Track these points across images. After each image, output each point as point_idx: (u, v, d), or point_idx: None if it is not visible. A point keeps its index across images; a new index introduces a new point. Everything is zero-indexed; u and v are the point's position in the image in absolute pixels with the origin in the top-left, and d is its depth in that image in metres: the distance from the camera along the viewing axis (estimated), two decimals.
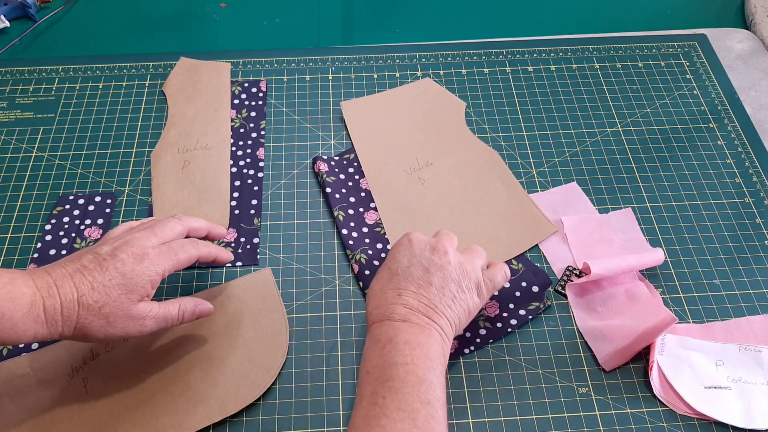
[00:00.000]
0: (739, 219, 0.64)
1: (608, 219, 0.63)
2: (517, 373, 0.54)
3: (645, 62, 0.77)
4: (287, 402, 0.53)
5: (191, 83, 0.73)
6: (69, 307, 0.44)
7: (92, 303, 0.45)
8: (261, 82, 0.74)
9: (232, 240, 0.61)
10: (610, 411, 0.52)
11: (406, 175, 0.66)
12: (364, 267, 0.59)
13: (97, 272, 0.46)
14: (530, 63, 0.76)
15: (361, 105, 0.72)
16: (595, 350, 0.55)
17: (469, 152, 0.67)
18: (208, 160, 0.67)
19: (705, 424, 0.52)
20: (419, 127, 0.70)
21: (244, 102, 0.72)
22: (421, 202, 0.64)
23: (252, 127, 0.70)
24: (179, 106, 0.71)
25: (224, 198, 0.64)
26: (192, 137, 0.68)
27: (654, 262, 0.59)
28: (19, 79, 0.75)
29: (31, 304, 0.43)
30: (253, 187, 0.65)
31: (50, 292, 0.44)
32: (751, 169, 0.67)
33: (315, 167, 0.66)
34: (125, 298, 0.46)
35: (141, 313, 0.47)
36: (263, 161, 0.67)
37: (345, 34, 0.84)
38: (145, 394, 0.52)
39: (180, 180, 0.65)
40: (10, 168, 0.67)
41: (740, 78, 0.76)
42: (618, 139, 0.69)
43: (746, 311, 0.58)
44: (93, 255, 0.47)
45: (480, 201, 0.64)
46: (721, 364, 0.54)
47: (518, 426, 0.51)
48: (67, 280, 0.45)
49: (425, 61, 0.77)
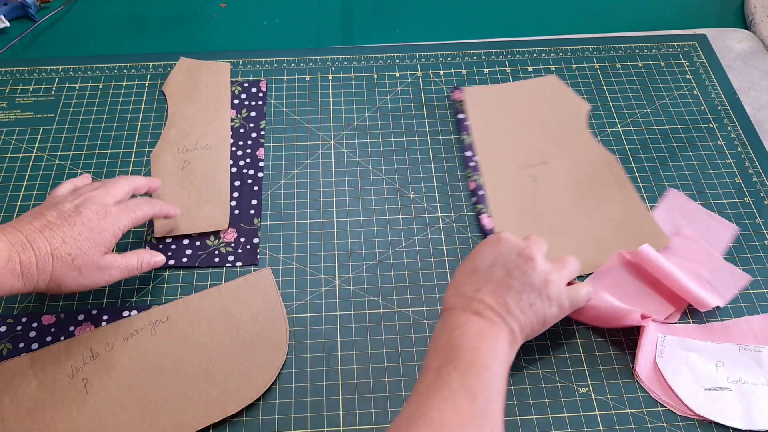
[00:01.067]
0: (739, 219, 0.64)
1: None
2: (517, 373, 0.54)
3: (645, 62, 0.77)
4: (287, 402, 0.53)
5: (191, 83, 0.73)
6: (44, 261, 0.47)
7: (65, 255, 0.48)
8: (261, 82, 0.74)
9: (232, 240, 0.61)
10: (610, 411, 0.52)
11: (520, 170, 0.66)
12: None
13: (65, 227, 0.49)
14: (530, 63, 0.76)
15: (484, 93, 0.72)
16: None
17: (587, 155, 0.67)
18: (208, 160, 0.67)
19: (705, 425, 0.52)
20: (539, 124, 0.70)
21: (244, 102, 0.72)
22: (532, 199, 0.64)
23: (252, 127, 0.70)
24: (179, 106, 0.71)
25: (224, 198, 0.64)
26: (192, 137, 0.68)
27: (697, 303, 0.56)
28: (19, 79, 0.75)
29: (8, 258, 0.46)
30: (253, 187, 0.65)
31: (24, 247, 0.47)
32: (751, 169, 0.67)
33: (453, 95, 0.71)
34: (95, 251, 0.50)
35: (108, 264, 0.51)
36: (263, 161, 0.67)
37: (345, 34, 0.84)
38: (145, 394, 0.52)
39: (180, 180, 0.65)
40: (10, 168, 0.67)
41: (740, 78, 0.76)
42: (618, 139, 0.69)
43: (746, 311, 0.58)
44: (57, 212, 0.50)
45: (593, 205, 0.63)
46: (721, 364, 0.54)
47: (518, 426, 0.51)
48: (38, 235, 0.48)
49: (425, 61, 0.77)
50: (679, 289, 0.56)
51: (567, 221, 0.62)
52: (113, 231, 0.51)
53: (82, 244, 0.49)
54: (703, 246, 0.60)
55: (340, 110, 0.72)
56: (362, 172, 0.67)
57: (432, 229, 0.63)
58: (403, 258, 0.61)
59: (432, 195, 0.65)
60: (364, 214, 0.64)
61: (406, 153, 0.68)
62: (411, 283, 0.59)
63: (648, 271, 0.58)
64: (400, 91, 0.74)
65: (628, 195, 0.64)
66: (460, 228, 0.63)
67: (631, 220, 0.62)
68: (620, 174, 0.65)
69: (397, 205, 0.65)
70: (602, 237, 0.61)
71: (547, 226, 0.62)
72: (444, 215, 0.64)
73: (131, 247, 0.61)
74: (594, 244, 0.61)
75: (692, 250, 0.60)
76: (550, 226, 0.62)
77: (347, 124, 0.71)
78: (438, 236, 0.62)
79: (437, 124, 0.71)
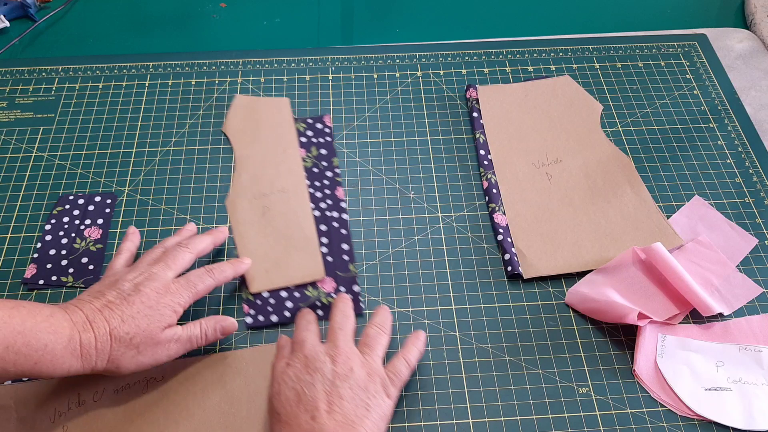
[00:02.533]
0: (739, 219, 0.63)
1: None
2: (517, 373, 0.54)
3: (645, 62, 0.77)
4: None
5: (253, 122, 0.69)
6: (102, 341, 0.46)
7: (123, 335, 0.47)
8: (325, 116, 0.70)
9: (332, 290, 0.58)
10: (610, 411, 0.52)
11: (534, 169, 0.66)
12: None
13: (124, 306, 0.48)
14: (530, 63, 0.76)
15: (497, 91, 0.72)
16: (574, 286, 0.58)
17: (600, 154, 0.67)
18: (287, 203, 0.63)
19: (705, 424, 0.52)
20: (552, 123, 0.70)
21: (312, 139, 0.68)
22: (546, 197, 0.64)
23: (325, 165, 0.66)
24: (245, 148, 0.67)
25: (313, 244, 0.60)
26: (265, 180, 0.65)
27: (701, 307, 0.56)
28: (19, 79, 0.75)
29: (69, 338, 0.45)
30: (341, 230, 0.62)
31: (84, 327, 0.46)
32: (751, 169, 0.67)
33: (467, 93, 0.72)
34: (153, 327, 0.48)
35: (167, 337, 0.49)
36: (344, 201, 0.64)
37: (345, 34, 0.84)
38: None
39: (262, 228, 0.61)
40: (10, 168, 0.67)
41: (740, 78, 0.76)
42: (618, 139, 0.69)
43: (746, 311, 0.58)
44: (116, 291, 0.49)
45: (606, 204, 0.63)
46: (722, 364, 0.54)
47: (518, 426, 0.51)
48: (98, 315, 0.47)
49: (425, 61, 0.77)
50: (685, 292, 0.56)
51: (581, 219, 0.63)
52: (173, 308, 0.50)
53: (140, 322, 0.48)
54: (718, 254, 0.60)
55: (340, 110, 0.72)
56: (362, 172, 0.67)
57: (432, 229, 0.63)
58: (403, 258, 0.61)
59: (432, 195, 0.65)
60: (364, 214, 0.64)
61: (406, 153, 0.68)
62: (411, 283, 0.59)
63: (657, 270, 0.58)
64: (400, 91, 0.74)
65: (640, 195, 0.64)
66: (460, 228, 0.63)
67: (643, 218, 0.62)
68: (633, 173, 0.66)
69: (397, 205, 0.65)
70: (614, 233, 0.62)
71: (562, 224, 0.62)
72: (444, 215, 0.64)
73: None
74: (606, 240, 0.61)
75: (706, 257, 0.60)
76: (566, 223, 0.62)
77: (347, 124, 0.71)
78: (438, 236, 0.62)
79: (437, 124, 0.71)
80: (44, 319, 0.45)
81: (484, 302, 0.58)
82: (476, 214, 0.64)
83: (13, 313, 0.44)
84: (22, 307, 0.45)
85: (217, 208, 0.64)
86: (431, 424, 0.52)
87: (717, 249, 0.60)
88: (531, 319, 0.57)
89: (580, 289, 0.58)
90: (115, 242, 0.61)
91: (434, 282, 0.59)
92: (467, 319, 0.57)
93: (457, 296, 0.59)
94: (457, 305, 0.58)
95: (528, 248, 0.61)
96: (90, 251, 0.60)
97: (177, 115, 0.71)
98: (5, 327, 0.43)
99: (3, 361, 0.43)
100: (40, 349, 0.44)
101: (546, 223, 0.62)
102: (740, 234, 0.62)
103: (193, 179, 0.66)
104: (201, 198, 0.65)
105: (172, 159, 0.68)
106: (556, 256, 0.60)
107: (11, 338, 0.43)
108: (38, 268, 0.59)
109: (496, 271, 0.60)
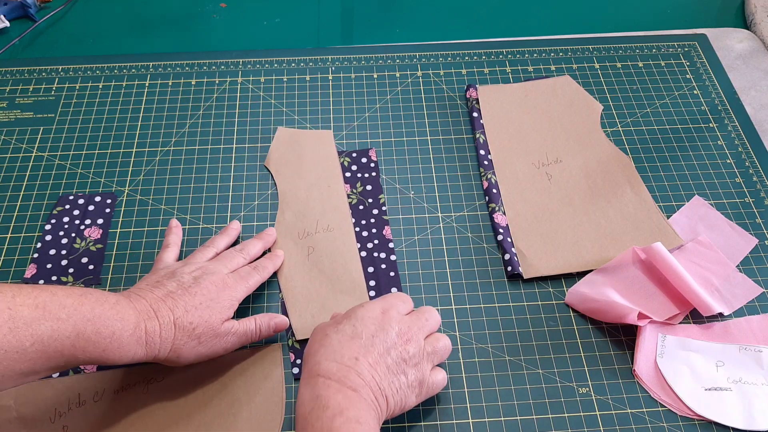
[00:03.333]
0: (739, 219, 0.64)
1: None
2: (517, 373, 0.54)
3: (645, 62, 0.77)
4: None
5: (295, 156, 0.67)
6: (167, 329, 0.47)
7: (186, 325, 0.48)
8: (370, 150, 0.67)
9: None
10: (610, 411, 0.52)
11: (534, 169, 0.66)
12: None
13: (187, 296, 0.49)
14: (530, 63, 0.76)
15: (497, 91, 0.72)
16: (574, 286, 0.58)
17: (600, 154, 0.67)
18: (333, 243, 0.60)
19: (705, 424, 0.52)
20: (552, 123, 0.70)
21: (356, 174, 0.66)
22: (546, 197, 0.64)
23: (371, 203, 0.63)
24: (288, 184, 0.65)
25: (361, 288, 0.58)
26: (310, 218, 0.62)
27: (701, 307, 0.56)
28: (19, 79, 0.75)
29: (135, 325, 0.46)
30: (389, 272, 0.59)
31: (149, 315, 0.47)
32: (751, 169, 0.67)
33: (467, 93, 0.71)
34: (214, 319, 0.50)
35: (226, 330, 0.50)
36: (391, 241, 0.61)
37: (345, 34, 0.84)
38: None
39: (308, 270, 0.59)
40: (10, 168, 0.67)
41: (740, 78, 0.76)
42: (618, 139, 0.69)
43: (746, 311, 0.58)
44: (176, 282, 0.50)
45: (606, 204, 0.63)
46: (722, 364, 0.54)
47: (518, 426, 0.51)
48: (161, 304, 0.48)
49: (425, 61, 0.77)
50: (686, 292, 0.56)
51: (581, 219, 0.63)
52: (230, 301, 0.51)
53: (203, 313, 0.49)
54: (718, 254, 0.60)
55: (340, 110, 0.72)
56: None
57: (432, 229, 0.63)
58: (403, 258, 0.61)
59: (432, 195, 0.65)
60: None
61: (406, 153, 0.68)
62: (411, 283, 0.59)
63: (657, 270, 0.58)
64: (400, 91, 0.74)
65: (640, 195, 0.64)
66: (460, 228, 0.63)
67: (643, 218, 0.62)
68: (633, 173, 0.66)
69: (397, 205, 0.65)
70: (614, 233, 0.62)
71: (563, 224, 0.62)
72: (444, 215, 0.64)
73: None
74: (606, 240, 0.61)
75: (706, 257, 0.60)
76: (566, 223, 0.62)
77: (347, 124, 0.71)
78: (438, 236, 0.62)
79: (437, 124, 0.71)
80: (111, 306, 0.45)
81: (484, 302, 0.58)
82: (476, 214, 0.64)
83: (83, 301, 0.44)
84: (90, 295, 0.45)
85: (217, 208, 0.64)
86: (431, 424, 0.52)
87: (717, 249, 0.60)
88: (531, 319, 0.57)
89: (580, 289, 0.58)
90: (115, 242, 0.61)
91: (434, 282, 0.59)
92: (467, 319, 0.57)
93: (457, 296, 0.59)
94: (457, 305, 0.58)
95: (528, 248, 0.61)
96: (90, 251, 0.60)
97: (177, 115, 0.71)
98: (76, 314, 0.43)
99: (73, 348, 0.43)
100: (108, 336, 0.44)
101: (546, 223, 0.62)
102: (740, 234, 0.62)
103: (193, 179, 0.66)
104: (201, 198, 0.65)
105: (172, 159, 0.68)
106: (556, 256, 0.60)
107: (81, 325, 0.43)
108: (38, 268, 0.59)
109: (496, 271, 0.60)
